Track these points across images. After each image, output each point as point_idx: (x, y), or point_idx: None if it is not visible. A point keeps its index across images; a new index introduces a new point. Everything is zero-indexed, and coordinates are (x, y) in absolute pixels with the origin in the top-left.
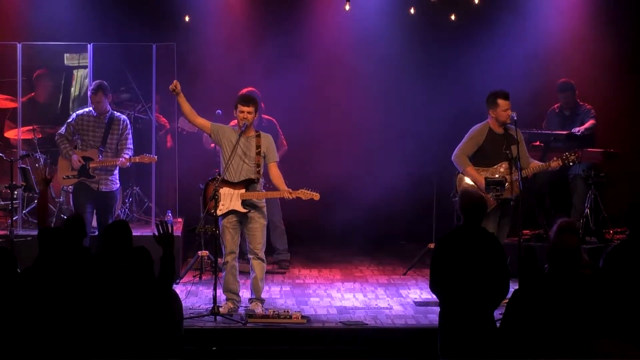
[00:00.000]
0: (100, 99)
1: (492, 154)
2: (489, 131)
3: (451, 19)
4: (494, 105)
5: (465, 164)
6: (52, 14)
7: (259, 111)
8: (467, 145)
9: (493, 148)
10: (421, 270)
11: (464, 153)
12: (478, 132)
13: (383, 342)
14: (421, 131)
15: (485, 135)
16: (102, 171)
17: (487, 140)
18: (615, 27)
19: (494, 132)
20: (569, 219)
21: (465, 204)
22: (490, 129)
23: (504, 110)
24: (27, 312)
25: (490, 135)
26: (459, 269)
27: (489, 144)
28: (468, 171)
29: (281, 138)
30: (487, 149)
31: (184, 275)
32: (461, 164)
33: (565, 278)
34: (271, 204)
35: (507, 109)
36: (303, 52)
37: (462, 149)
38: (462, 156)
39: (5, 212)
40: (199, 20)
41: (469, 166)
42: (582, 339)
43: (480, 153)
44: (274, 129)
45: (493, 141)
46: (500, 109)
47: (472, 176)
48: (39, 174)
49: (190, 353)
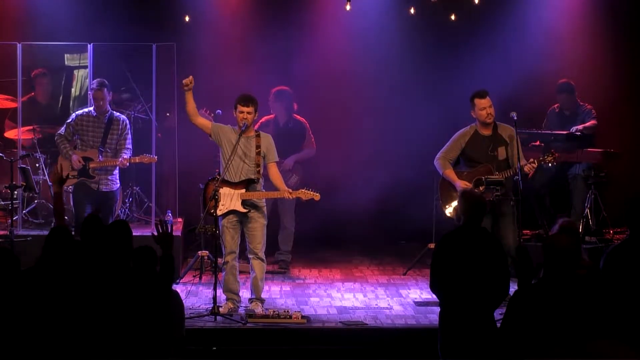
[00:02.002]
0: (103, 95)
1: (476, 157)
2: (474, 134)
3: (451, 19)
4: (472, 105)
5: (444, 167)
6: (52, 14)
7: (289, 110)
8: (448, 149)
9: (477, 150)
10: (421, 270)
11: (443, 156)
12: (460, 135)
13: (383, 342)
14: (421, 131)
15: (469, 138)
16: (102, 171)
17: (470, 143)
18: (615, 27)
19: (480, 135)
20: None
21: (465, 204)
22: (476, 132)
23: (480, 109)
24: (29, 312)
25: (475, 138)
26: (459, 269)
27: (471, 147)
28: (446, 174)
29: (310, 140)
30: (470, 151)
31: (184, 275)
32: (440, 167)
33: (563, 278)
34: (286, 206)
35: (484, 107)
36: (303, 52)
37: (443, 152)
38: (441, 159)
39: (5, 212)
40: (199, 20)
41: (447, 169)
42: (580, 339)
43: (464, 156)
44: (302, 129)
45: (477, 144)
46: (477, 108)
47: (450, 179)
48: (55, 175)
49: (190, 353)
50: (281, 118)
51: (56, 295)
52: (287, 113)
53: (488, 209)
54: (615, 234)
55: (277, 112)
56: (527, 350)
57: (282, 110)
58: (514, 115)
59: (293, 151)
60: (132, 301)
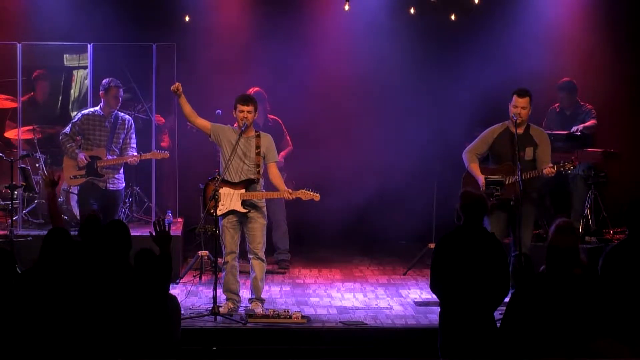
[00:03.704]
0: (119, 95)
1: (501, 154)
2: (504, 131)
3: (451, 19)
4: (510, 98)
5: (470, 161)
6: (52, 14)
7: (265, 111)
8: (477, 143)
9: (503, 148)
10: (421, 270)
11: (472, 150)
12: (489, 131)
13: (383, 342)
14: (421, 131)
15: (497, 135)
16: (110, 169)
17: (498, 140)
18: (615, 27)
19: (510, 132)
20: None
21: (465, 203)
22: (507, 129)
23: (514, 106)
24: (26, 313)
25: (504, 135)
26: (459, 269)
27: (499, 144)
28: (471, 168)
29: (287, 138)
30: (497, 148)
31: (184, 275)
32: (466, 160)
33: (562, 278)
34: (275, 204)
35: (517, 106)
36: (303, 52)
37: (472, 146)
38: (469, 153)
39: (5, 212)
40: (199, 20)
41: (473, 163)
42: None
43: (492, 152)
44: (279, 128)
45: (505, 141)
46: (512, 104)
47: (473, 173)
48: (47, 177)
49: (190, 353)
50: (259, 119)
51: (54, 296)
52: (264, 113)
53: (488, 209)
54: (615, 234)
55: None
56: (527, 350)
57: (260, 111)
58: (514, 115)
59: (277, 150)
60: (130, 301)
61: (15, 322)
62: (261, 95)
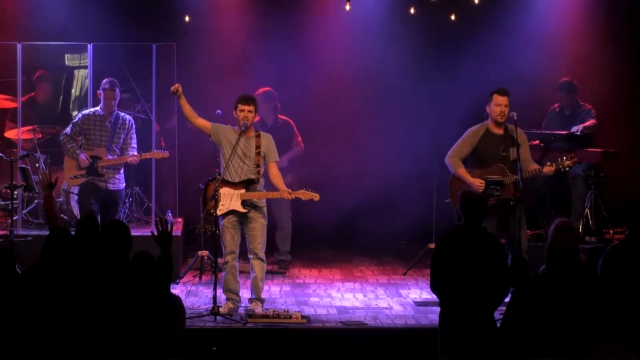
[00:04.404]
0: (115, 95)
1: (487, 156)
2: (485, 132)
3: (451, 19)
4: (489, 99)
5: (457, 166)
6: (52, 14)
7: (275, 111)
8: (460, 147)
9: (489, 149)
10: (421, 270)
11: (456, 155)
12: (473, 133)
13: (383, 342)
14: (421, 131)
15: (481, 136)
16: (110, 169)
17: (482, 141)
18: (615, 27)
19: (492, 133)
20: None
21: (465, 203)
22: (487, 130)
23: (496, 105)
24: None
25: (487, 136)
26: (459, 269)
27: (484, 145)
28: (459, 173)
29: (297, 139)
30: (482, 150)
31: (184, 275)
32: (453, 165)
33: (562, 278)
34: (281, 204)
35: (499, 104)
36: (303, 52)
37: (454, 150)
38: (454, 158)
39: (5, 212)
40: (199, 20)
41: (460, 168)
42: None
43: (475, 154)
44: (289, 129)
45: (489, 142)
46: (493, 103)
47: (463, 178)
48: (44, 179)
49: (190, 353)
50: (268, 119)
51: (54, 296)
52: (274, 113)
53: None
54: (615, 234)
55: (264, 113)
56: (527, 350)
57: (269, 111)
58: (513, 115)
59: (284, 150)
60: (130, 301)
61: (15, 323)
62: (271, 95)
